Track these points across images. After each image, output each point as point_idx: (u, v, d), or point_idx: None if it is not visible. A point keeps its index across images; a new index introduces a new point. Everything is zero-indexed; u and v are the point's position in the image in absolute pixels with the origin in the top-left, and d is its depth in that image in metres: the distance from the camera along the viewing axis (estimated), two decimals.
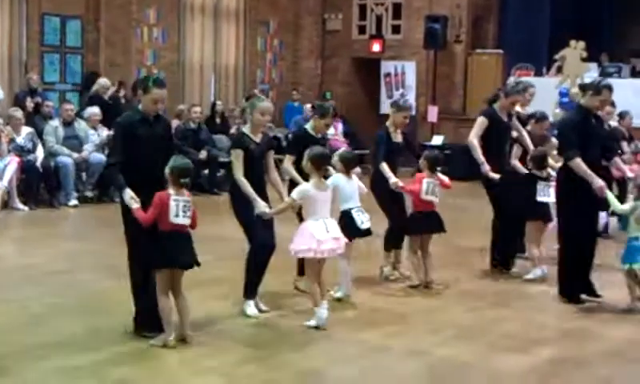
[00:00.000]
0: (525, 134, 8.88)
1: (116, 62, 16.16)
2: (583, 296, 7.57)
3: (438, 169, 7.99)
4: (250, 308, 6.76)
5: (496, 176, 8.38)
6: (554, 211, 8.19)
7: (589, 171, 7.25)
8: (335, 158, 7.33)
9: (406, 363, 5.87)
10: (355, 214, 7.27)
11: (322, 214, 6.51)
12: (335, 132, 17.93)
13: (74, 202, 12.43)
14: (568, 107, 11.38)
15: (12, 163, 11.91)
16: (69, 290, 7.58)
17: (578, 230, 7.47)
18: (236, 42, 18.56)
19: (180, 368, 5.65)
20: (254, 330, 6.53)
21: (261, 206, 6.46)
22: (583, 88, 7.77)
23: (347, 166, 7.35)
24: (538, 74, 17.13)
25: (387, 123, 8.37)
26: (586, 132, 7.44)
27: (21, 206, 11.90)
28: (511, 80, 16.14)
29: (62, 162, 12.45)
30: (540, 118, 9.23)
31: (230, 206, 6.81)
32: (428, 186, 7.88)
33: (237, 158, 6.64)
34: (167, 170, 5.90)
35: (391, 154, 8.22)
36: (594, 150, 7.46)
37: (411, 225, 8.06)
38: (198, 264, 6.05)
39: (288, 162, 7.34)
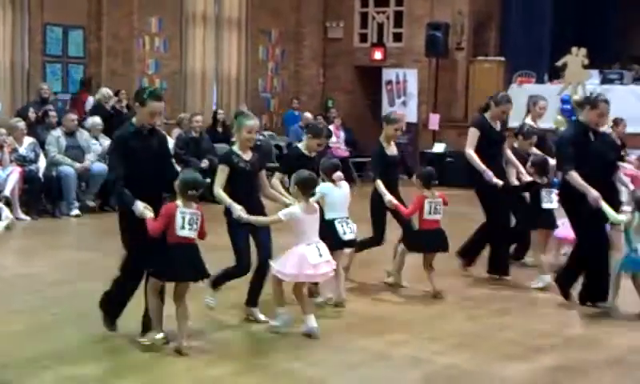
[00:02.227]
0: (510, 156, 8.84)
1: (118, 71, 16.21)
2: (589, 302, 7.63)
3: (434, 183, 8.02)
4: (213, 300, 6.90)
5: (500, 182, 8.40)
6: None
7: (584, 183, 7.28)
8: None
9: (408, 372, 5.88)
10: (338, 225, 7.31)
11: (311, 236, 6.53)
12: (337, 140, 18.00)
13: (75, 211, 12.47)
14: (569, 114, 11.41)
15: (14, 173, 11.95)
16: (71, 299, 7.60)
17: (591, 241, 7.51)
18: (238, 51, 18.61)
19: (182, 377, 5.67)
20: (255, 338, 6.55)
21: (237, 210, 6.47)
22: (580, 104, 7.80)
23: (328, 174, 7.41)
24: (540, 81, 17.16)
25: (380, 138, 8.40)
26: (585, 147, 7.47)
27: (23, 216, 11.94)
28: (513, 86, 16.22)
29: (64, 171, 12.49)
30: (527, 134, 9.10)
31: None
32: (430, 207, 7.91)
33: (221, 172, 6.71)
34: (176, 183, 5.95)
35: (387, 168, 8.28)
36: (594, 165, 7.42)
37: (416, 242, 8.07)
38: (207, 276, 6.11)
39: (277, 179, 7.35)
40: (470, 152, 8.55)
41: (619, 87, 16.29)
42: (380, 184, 8.08)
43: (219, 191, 6.63)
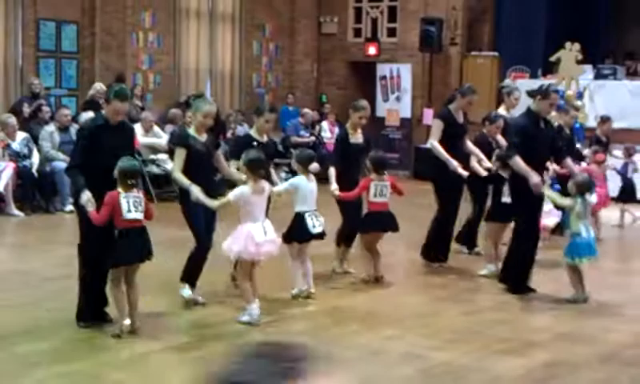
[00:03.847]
0: (470, 146, 9.04)
1: (112, 66, 16.15)
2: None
3: (385, 171, 8.12)
4: (186, 291, 7.04)
5: (465, 173, 8.53)
6: None
7: (527, 168, 7.53)
8: (292, 160, 7.64)
9: (403, 367, 5.89)
10: (308, 218, 7.38)
11: (258, 216, 6.63)
12: (331, 135, 17.99)
13: (70, 207, 12.41)
14: (563, 109, 11.43)
15: (8, 169, 11.92)
16: (65, 295, 7.55)
17: (530, 224, 7.76)
18: (232, 46, 18.57)
19: (175, 372, 5.68)
20: (247, 334, 6.54)
21: (195, 192, 6.58)
22: (531, 94, 7.93)
23: (304, 165, 7.50)
24: (534, 76, 17.17)
25: (347, 125, 8.48)
26: (534, 135, 7.71)
27: (17, 212, 11.91)
28: (507, 81, 16.25)
29: (58, 167, 12.43)
30: (493, 119, 9.40)
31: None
32: (376, 189, 8.04)
33: (178, 156, 6.81)
34: (115, 171, 6.08)
35: (350, 155, 8.35)
36: (541, 152, 7.80)
37: (364, 224, 8.19)
38: (151, 256, 6.27)
39: (233, 166, 7.35)
40: (434, 142, 8.72)
41: (613, 82, 16.33)
42: (332, 172, 8.16)
43: (177, 174, 6.75)
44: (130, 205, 6.07)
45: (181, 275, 7.09)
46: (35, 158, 12.50)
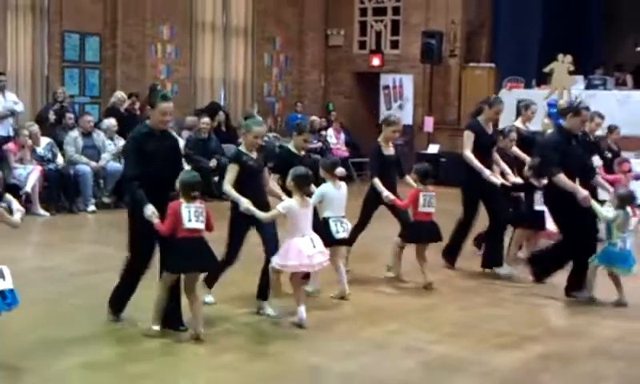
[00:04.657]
0: (496, 157, 8.86)
1: (132, 76, 16.21)
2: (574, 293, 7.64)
3: (430, 180, 8.01)
4: (208, 297, 6.96)
5: (498, 181, 8.43)
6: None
7: (573, 184, 7.37)
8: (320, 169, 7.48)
9: (404, 360, 5.88)
10: (332, 223, 7.29)
11: (305, 229, 6.54)
12: (337, 141, 18.00)
13: (92, 207, 12.47)
14: (556, 117, 11.35)
15: (35, 171, 11.97)
16: (88, 290, 7.61)
17: (582, 238, 7.54)
18: (244, 58, 18.60)
19: (195, 363, 5.68)
20: (261, 329, 6.55)
21: (244, 203, 6.48)
22: (563, 112, 7.83)
23: (330, 171, 7.43)
24: (528, 86, 17.14)
25: (379, 138, 8.42)
26: (566, 151, 7.55)
27: (42, 211, 11.94)
28: (502, 91, 16.19)
29: (81, 170, 12.49)
30: (507, 133, 9.22)
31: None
32: (424, 200, 7.93)
33: (230, 170, 6.72)
34: (177, 184, 5.96)
35: (384, 167, 8.28)
36: (575, 168, 7.56)
37: (410, 233, 8.07)
38: (215, 266, 6.10)
39: (273, 180, 7.22)
40: (468, 153, 8.55)
41: (603, 92, 16.28)
42: (377, 181, 8.10)
43: (228, 187, 6.63)
44: (191, 214, 5.88)
45: (203, 282, 6.89)
46: (59, 161, 12.52)
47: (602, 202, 7.81)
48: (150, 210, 5.89)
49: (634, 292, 7.56)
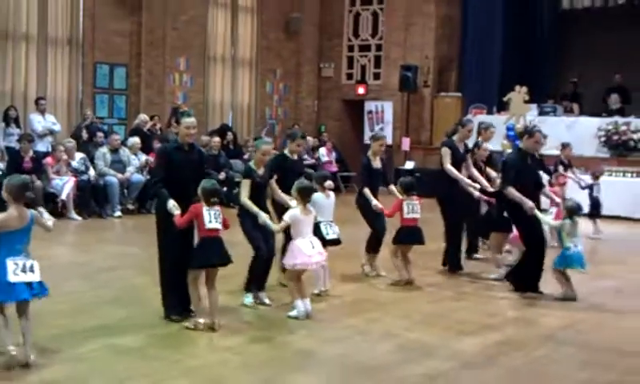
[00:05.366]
0: (473, 171, 8.87)
1: (153, 101, 16.21)
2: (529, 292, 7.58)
3: (413, 192, 7.97)
4: (248, 299, 6.80)
5: (476, 192, 8.45)
6: None
7: (520, 196, 7.37)
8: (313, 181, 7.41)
9: (383, 344, 5.87)
10: (323, 226, 7.23)
11: (306, 233, 6.52)
12: (329, 158, 18.01)
13: (118, 213, 12.46)
14: (513, 139, 11.38)
15: (69, 182, 11.95)
16: (113, 283, 7.59)
17: (533, 239, 7.52)
18: (249, 86, 18.62)
19: (201, 347, 5.66)
20: (258, 317, 6.54)
21: (263, 217, 6.51)
22: (521, 134, 7.85)
23: (320, 184, 7.39)
24: (490, 112, 17.19)
25: (368, 152, 8.41)
26: (522, 168, 7.54)
27: (76, 216, 11.93)
28: (468, 116, 16.23)
29: (109, 181, 12.48)
30: (480, 144, 9.41)
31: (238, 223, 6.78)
32: (408, 207, 7.90)
33: (244, 186, 6.71)
34: (199, 191, 5.96)
35: (372, 178, 8.26)
36: (529, 183, 7.57)
37: (398, 237, 8.00)
38: (231, 261, 6.06)
39: (273, 183, 7.15)
40: (449, 166, 8.50)
41: (553, 118, 16.34)
42: (367, 192, 8.08)
43: (246, 200, 6.62)
44: (212, 216, 5.90)
45: (244, 285, 6.83)
46: (91, 173, 12.50)
47: (545, 211, 7.88)
48: (171, 203, 5.91)
49: (576, 287, 7.57)
